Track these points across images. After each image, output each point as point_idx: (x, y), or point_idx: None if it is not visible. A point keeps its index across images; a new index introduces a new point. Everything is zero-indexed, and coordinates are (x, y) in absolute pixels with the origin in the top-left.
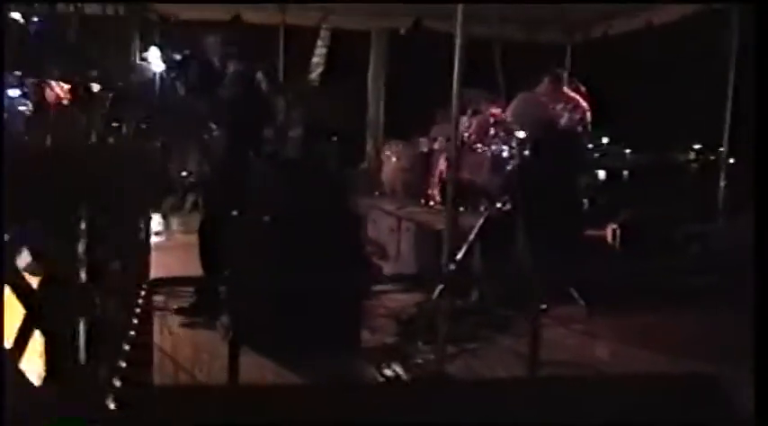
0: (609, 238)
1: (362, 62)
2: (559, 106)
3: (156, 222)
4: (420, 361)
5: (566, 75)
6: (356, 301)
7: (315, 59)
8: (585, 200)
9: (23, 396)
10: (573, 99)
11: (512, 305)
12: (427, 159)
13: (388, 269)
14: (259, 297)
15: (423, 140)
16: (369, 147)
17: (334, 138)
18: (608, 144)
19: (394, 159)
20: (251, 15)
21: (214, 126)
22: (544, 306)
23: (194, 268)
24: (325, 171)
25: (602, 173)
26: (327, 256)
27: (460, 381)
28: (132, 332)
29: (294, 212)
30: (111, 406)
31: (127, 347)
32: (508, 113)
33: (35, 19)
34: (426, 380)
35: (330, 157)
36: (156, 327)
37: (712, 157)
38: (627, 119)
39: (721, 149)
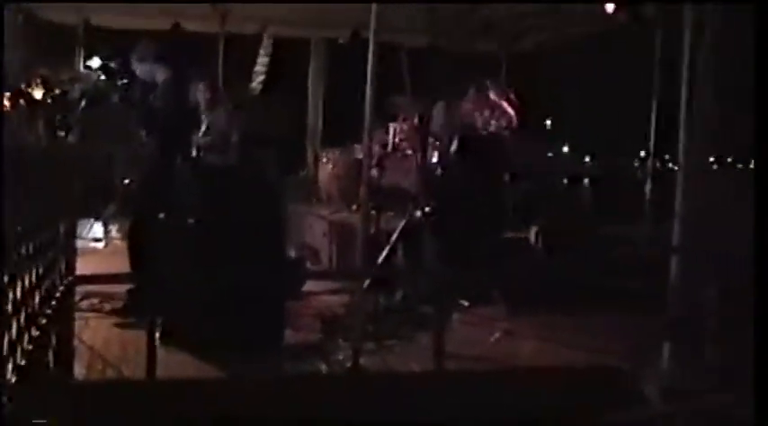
0: (531, 240)
1: (303, 71)
2: (486, 113)
3: (97, 228)
4: (339, 358)
5: (489, 83)
6: (279, 302)
7: (257, 68)
8: (512, 204)
9: None
10: (498, 106)
11: (433, 303)
12: (361, 165)
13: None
14: (183, 298)
15: (357, 147)
16: (308, 155)
17: (274, 146)
18: (567, 152)
19: (330, 166)
20: (191, 24)
21: (144, 133)
22: (466, 304)
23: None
24: (251, 176)
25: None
26: (248, 258)
27: (372, 375)
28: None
29: (217, 216)
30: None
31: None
32: (432, 120)
33: None
34: (340, 375)
35: (270, 164)
36: (90, 328)
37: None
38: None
39: (642, 154)
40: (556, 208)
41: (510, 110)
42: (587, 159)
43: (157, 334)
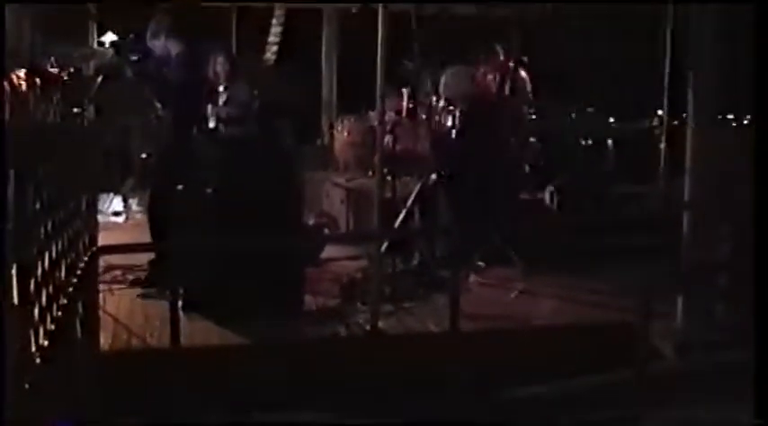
0: (547, 200)
1: (316, 41)
2: (498, 77)
3: (117, 203)
4: (358, 320)
5: (500, 47)
6: (297, 268)
7: (270, 39)
8: (527, 166)
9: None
10: (510, 69)
11: (449, 265)
12: (375, 132)
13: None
14: (204, 266)
15: (371, 114)
16: (323, 123)
17: (290, 116)
18: (593, 113)
19: (345, 134)
20: None
21: (159, 106)
22: (482, 265)
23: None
24: (266, 145)
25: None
26: (265, 226)
27: (389, 336)
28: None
29: (233, 186)
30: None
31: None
32: (441, 86)
33: None
34: (358, 337)
35: (287, 134)
36: (114, 299)
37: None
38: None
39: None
40: (571, 170)
41: (523, 74)
42: (611, 121)
43: (179, 304)
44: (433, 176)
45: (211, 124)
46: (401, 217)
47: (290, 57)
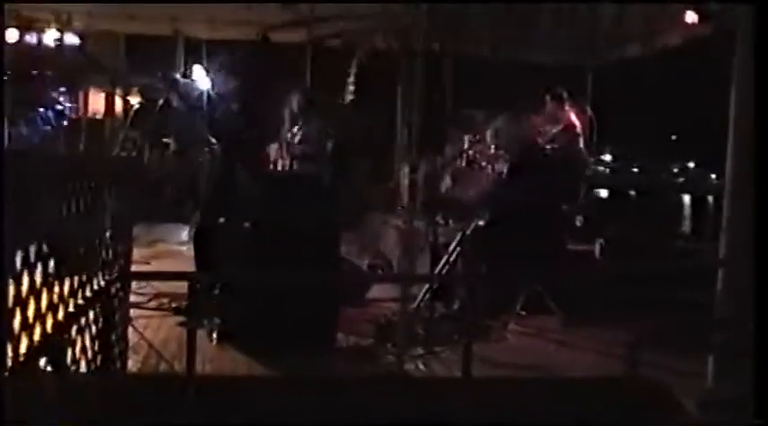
0: (597, 253)
1: (393, 82)
2: (557, 127)
3: (184, 233)
4: (386, 361)
5: (566, 95)
6: (333, 306)
7: (350, 78)
8: (580, 217)
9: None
10: (569, 119)
11: (490, 313)
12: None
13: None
14: (239, 299)
15: (439, 158)
16: (395, 165)
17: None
18: (694, 168)
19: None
20: (278, 36)
21: (214, 141)
22: (523, 313)
23: None
24: (308, 185)
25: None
26: (300, 263)
27: (408, 379)
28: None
29: (271, 221)
30: None
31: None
32: (490, 134)
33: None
34: (380, 377)
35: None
36: (154, 325)
37: None
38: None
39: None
40: (623, 222)
41: (578, 124)
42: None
43: (215, 334)
44: (477, 223)
45: (286, 161)
46: (443, 262)
47: (370, 97)
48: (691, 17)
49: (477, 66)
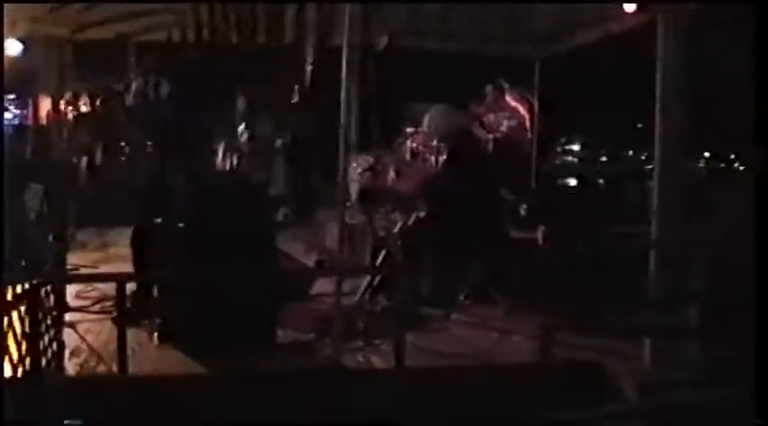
0: (540, 240)
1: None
2: (501, 114)
3: None
4: (324, 356)
5: (505, 86)
6: (272, 303)
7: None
8: (524, 206)
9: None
10: (513, 108)
11: (433, 304)
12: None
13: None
14: (178, 299)
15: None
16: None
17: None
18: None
19: (358, 171)
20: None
21: (149, 144)
22: (467, 303)
23: None
24: (240, 183)
25: None
26: (235, 261)
27: (341, 371)
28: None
29: (205, 220)
30: None
31: None
32: (425, 125)
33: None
34: (314, 371)
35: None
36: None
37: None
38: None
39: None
40: (565, 209)
41: (523, 112)
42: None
43: (156, 335)
44: (417, 214)
45: (234, 160)
46: (382, 254)
47: (324, 95)
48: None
49: (427, 60)
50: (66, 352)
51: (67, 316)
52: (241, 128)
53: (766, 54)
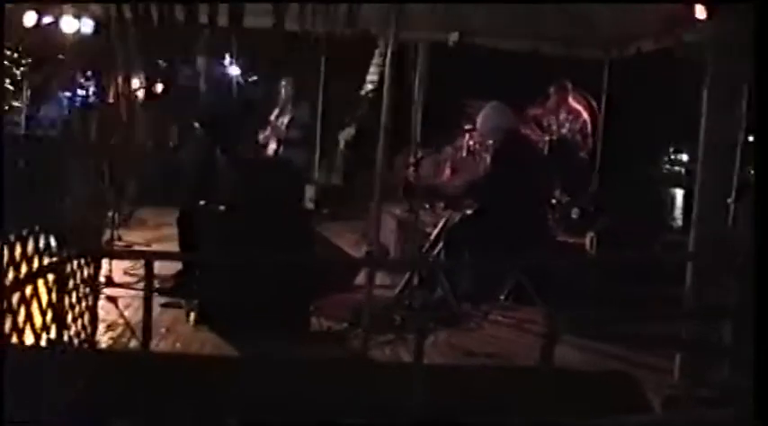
0: (587, 246)
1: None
2: (562, 116)
3: None
4: (352, 346)
5: (571, 86)
6: (307, 291)
7: (371, 69)
8: (576, 209)
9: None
10: (575, 110)
11: (472, 302)
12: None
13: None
14: (218, 282)
15: (448, 149)
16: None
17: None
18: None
19: (413, 167)
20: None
21: (197, 125)
22: (507, 304)
23: None
24: (282, 169)
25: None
26: (274, 246)
27: (360, 362)
28: None
29: (248, 204)
30: None
31: None
32: (477, 123)
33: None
34: (335, 360)
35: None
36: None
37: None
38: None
39: None
40: (617, 215)
41: (585, 115)
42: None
43: (192, 316)
44: (465, 212)
45: (273, 145)
46: (424, 250)
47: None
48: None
49: (496, 58)
50: (103, 326)
51: (110, 291)
52: (284, 114)
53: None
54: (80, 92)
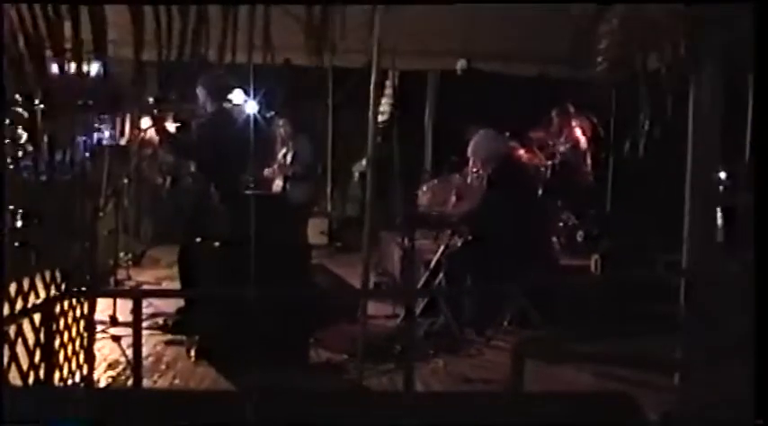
0: (592, 268)
1: (420, 101)
2: (563, 139)
3: None
4: (349, 377)
5: (572, 109)
6: (309, 323)
7: (383, 99)
8: (581, 232)
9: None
10: (576, 134)
11: (474, 328)
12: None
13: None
14: (217, 317)
15: (456, 176)
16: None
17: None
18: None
19: (429, 195)
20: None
21: (192, 164)
22: (510, 328)
23: None
24: (278, 205)
25: None
26: (271, 280)
27: (351, 393)
28: None
29: (243, 239)
30: None
31: None
32: (469, 149)
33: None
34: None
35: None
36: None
37: None
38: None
39: None
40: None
41: (578, 135)
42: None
43: (193, 351)
44: (467, 237)
45: (279, 181)
46: (423, 278)
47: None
48: None
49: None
50: (105, 364)
51: (115, 330)
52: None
53: (766, 54)
54: (96, 135)
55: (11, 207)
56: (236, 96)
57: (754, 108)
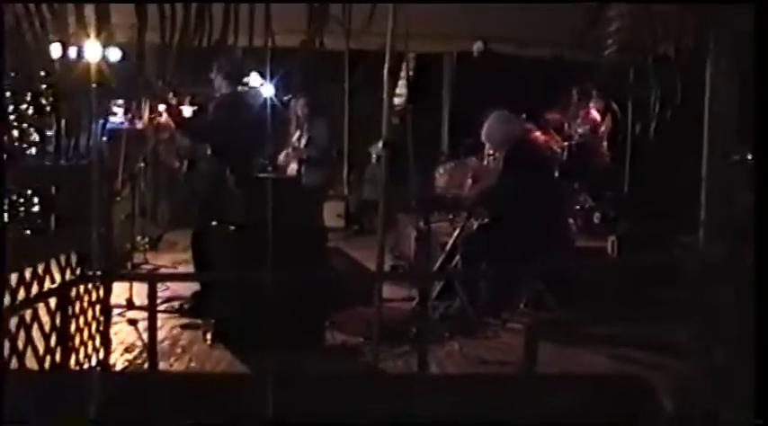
0: (609, 250)
1: (436, 84)
2: (577, 121)
3: None
4: (365, 360)
5: (594, 91)
6: (320, 306)
7: (399, 82)
8: (598, 215)
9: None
10: (589, 115)
11: (490, 311)
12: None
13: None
14: (232, 300)
15: (473, 159)
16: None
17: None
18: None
19: (446, 178)
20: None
21: (208, 147)
22: (526, 310)
23: None
24: (292, 188)
25: None
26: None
27: (364, 375)
28: None
29: (258, 223)
30: None
31: None
32: (483, 132)
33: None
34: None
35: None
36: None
37: None
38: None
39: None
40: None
41: (595, 116)
42: None
43: (209, 335)
44: (482, 220)
45: (293, 165)
46: (439, 261)
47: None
48: None
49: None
50: (121, 348)
51: (132, 314)
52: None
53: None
54: (112, 119)
55: (28, 191)
56: (253, 79)
57: (755, 108)
